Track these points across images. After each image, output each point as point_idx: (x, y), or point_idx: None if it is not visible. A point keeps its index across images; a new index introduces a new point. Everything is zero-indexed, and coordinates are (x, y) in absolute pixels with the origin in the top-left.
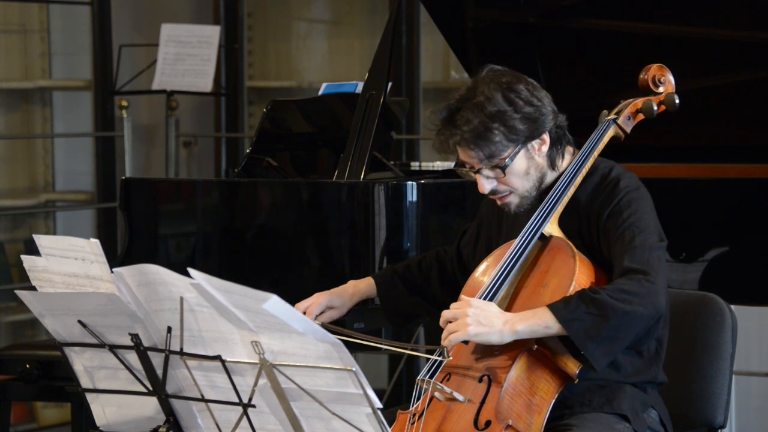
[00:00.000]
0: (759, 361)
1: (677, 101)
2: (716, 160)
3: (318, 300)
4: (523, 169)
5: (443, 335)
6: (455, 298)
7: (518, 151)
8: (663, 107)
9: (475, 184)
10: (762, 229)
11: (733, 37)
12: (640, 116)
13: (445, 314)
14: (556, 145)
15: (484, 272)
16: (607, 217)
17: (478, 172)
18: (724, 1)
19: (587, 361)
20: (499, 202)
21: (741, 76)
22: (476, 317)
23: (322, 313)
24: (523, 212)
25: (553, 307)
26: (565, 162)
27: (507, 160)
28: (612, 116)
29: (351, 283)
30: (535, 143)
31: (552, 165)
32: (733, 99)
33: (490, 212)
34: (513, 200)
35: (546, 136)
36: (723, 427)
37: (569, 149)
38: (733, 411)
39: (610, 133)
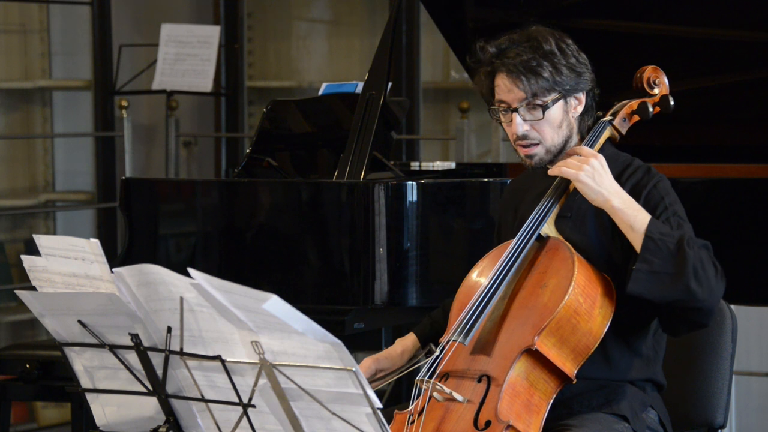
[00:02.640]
0: (759, 361)
1: (672, 102)
2: (716, 160)
3: (366, 365)
4: (558, 120)
5: (559, 162)
6: None
7: (559, 99)
8: (658, 108)
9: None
10: (762, 229)
11: (732, 37)
12: (636, 118)
13: (576, 148)
14: (588, 113)
15: (482, 273)
16: (646, 194)
17: (515, 111)
18: (724, 1)
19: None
20: (524, 153)
21: (741, 76)
22: (593, 172)
23: (374, 376)
24: (542, 167)
25: (654, 222)
26: None
27: (549, 102)
28: (608, 118)
29: (398, 342)
30: (573, 101)
31: (580, 131)
32: (732, 99)
33: (504, 214)
34: (539, 152)
35: (583, 97)
36: (723, 427)
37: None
38: (733, 411)
39: (606, 134)
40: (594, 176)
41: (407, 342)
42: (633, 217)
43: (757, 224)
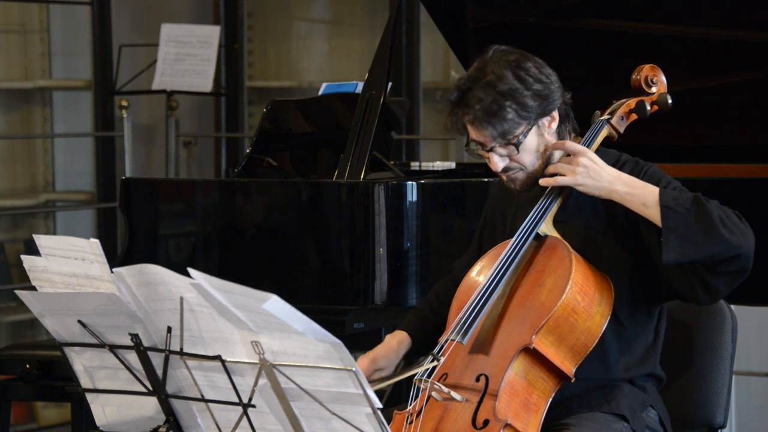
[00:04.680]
0: (759, 361)
1: (670, 101)
2: (716, 160)
3: (362, 365)
4: (535, 145)
5: (549, 170)
6: None
7: (530, 128)
8: (656, 107)
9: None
10: (762, 229)
11: (732, 37)
12: (633, 116)
13: (560, 143)
14: (564, 122)
15: (480, 272)
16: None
17: (490, 150)
18: (724, 1)
19: (658, 250)
20: (505, 179)
21: (740, 76)
22: (587, 171)
23: (370, 377)
24: (527, 190)
25: (664, 192)
26: None
27: (520, 137)
28: (605, 116)
29: (392, 339)
30: (546, 120)
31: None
32: (732, 99)
33: (492, 216)
34: (520, 176)
35: (555, 113)
36: (723, 427)
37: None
38: (733, 411)
39: (604, 133)
40: (590, 174)
41: (400, 335)
42: (642, 196)
43: (758, 224)
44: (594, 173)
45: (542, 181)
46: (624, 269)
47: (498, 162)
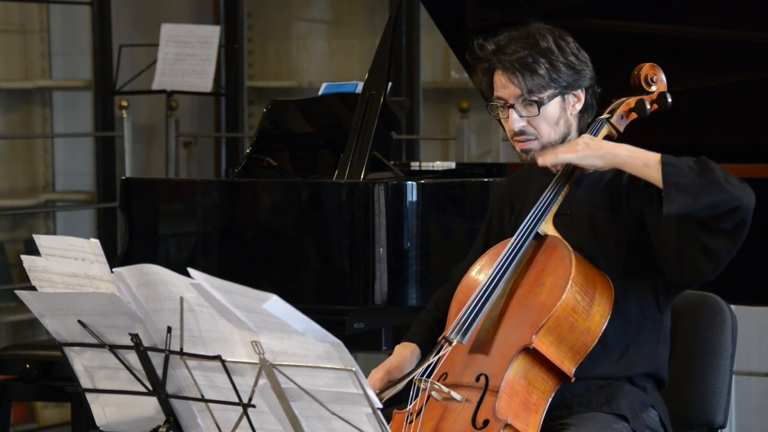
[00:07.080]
0: (759, 361)
1: (670, 100)
2: (716, 160)
3: (377, 377)
4: (555, 116)
5: (548, 152)
6: None
7: (556, 95)
8: (656, 106)
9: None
10: (762, 229)
11: (732, 37)
12: (633, 115)
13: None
14: (588, 110)
15: (480, 271)
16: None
17: (511, 107)
18: (724, 1)
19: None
20: (520, 147)
21: (741, 76)
22: (586, 146)
23: (385, 389)
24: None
25: (666, 155)
26: None
27: (545, 98)
28: (605, 115)
29: (403, 349)
30: (571, 98)
31: (579, 128)
32: (732, 99)
33: (500, 212)
34: (535, 146)
35: (582, 94)
36: (723, 427)
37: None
38: (733, 411)
39: (604, 132)
40: (590, 147)
41: (411, 346)
42: (644, 157)
43: (757, 224)
44: (594, 145)
45: (542, 161)
46: (627, 265)
47: (516, 121)
